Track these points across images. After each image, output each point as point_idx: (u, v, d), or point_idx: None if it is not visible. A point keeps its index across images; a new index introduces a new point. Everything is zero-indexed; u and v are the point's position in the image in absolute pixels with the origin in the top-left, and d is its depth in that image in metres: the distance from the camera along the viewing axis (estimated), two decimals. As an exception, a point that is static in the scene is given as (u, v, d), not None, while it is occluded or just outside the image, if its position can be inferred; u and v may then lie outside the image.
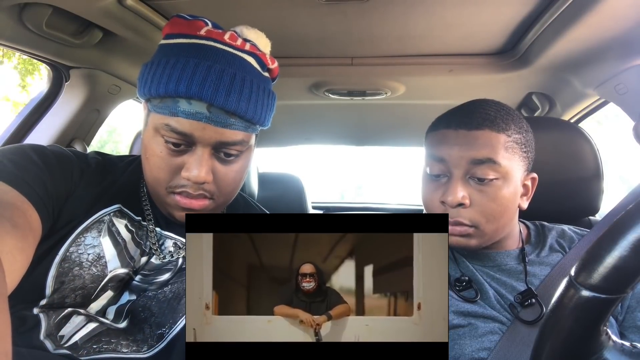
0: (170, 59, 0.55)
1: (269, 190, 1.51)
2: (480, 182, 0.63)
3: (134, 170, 0.68)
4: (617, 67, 0.93)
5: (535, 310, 0.61)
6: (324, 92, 1.29)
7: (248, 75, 0.57)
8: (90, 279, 0.56)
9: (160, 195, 0.60)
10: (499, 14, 0.88)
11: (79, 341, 0.55)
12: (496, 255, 0.69)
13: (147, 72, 0.57)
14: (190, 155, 0.57)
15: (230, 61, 0.57)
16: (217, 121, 0.55)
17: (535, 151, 0.69)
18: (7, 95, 5.44)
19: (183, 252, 0.63)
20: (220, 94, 0.54)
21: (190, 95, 0.53)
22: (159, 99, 0.56)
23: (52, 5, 0.77)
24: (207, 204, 0.60)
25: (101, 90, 1.13)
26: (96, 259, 0.57)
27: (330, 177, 14.29)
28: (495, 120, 0.63)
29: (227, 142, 0.57)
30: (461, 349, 0.61)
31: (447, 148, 0.65)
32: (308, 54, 1.12)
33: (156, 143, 0.57)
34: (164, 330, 0.56)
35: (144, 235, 0.63)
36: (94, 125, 1.19)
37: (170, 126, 0.55)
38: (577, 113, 1.22)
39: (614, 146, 4.04)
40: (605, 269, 0.33)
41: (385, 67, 1.13)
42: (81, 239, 0.58)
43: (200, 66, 0.54)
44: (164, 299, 0.58)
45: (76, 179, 0.59)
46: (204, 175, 0.56)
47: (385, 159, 16.12)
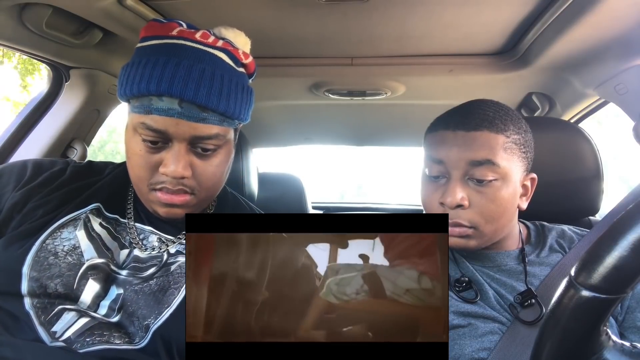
0: (142, 59, 0.58)
1: (269, 190, 1.50)
2: (479, 183, 0.63)
3: (119, 172, 0.72)
4: (617, 67, 0.93)
5: (535, 310, 0.61)
6: (324, 92, 1.29)
7: (218, 70, 0.59)
8: (66, 267, 0.58)
9: (144, 193, 0.62)
10: (499, 14, 0.88)
11: (71, 336, 0.56)
12: (496, 256, 0.69)
13: (123, 75, 0.60)
14: (168, 151, 0.59)
15: (200, 57, 0.58)
16: (190, 116, 0.57)
17: (535, 151, 0.69)
18: (7, 95, 5.44)
19: (166, 248, 0.65)
20: (189, 89, 0.55)
21: (160, 92, 0.55)
22: (135, 99, 0.58)
23: (52, 5, 0.77)
24: (188, 199, 0.62)
25: (101, 90, 1.12)
26: (72, 249, 0.60)
27: (330, 177, 14.29)
28: (494, 121, 0.63)
29: (201, 137, 0.59)
30: (461, 349, 0.61)
31: (445, 149, 0.65)
32: (308, 54, 1.12)
33: (135, 142, 0.59)
34: (149, 322, 0.57)
35: (122, 231, 0.66)
36: (94, 125, 1.19)
37: (145, 124, 0.57)
38: (577, 113, 1.22)
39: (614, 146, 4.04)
40: (605, 269, 0.33)
41: (385, 67, 1.13)
42: (57, 233, 0.61)
43: (169, 64, 0.56)
44: (150, 291, 0.59)
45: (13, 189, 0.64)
46: (181, 170, 0.58)
47: (385, 159, 16.11)
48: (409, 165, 12.11)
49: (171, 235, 0.67)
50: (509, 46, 1.04)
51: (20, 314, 0.56)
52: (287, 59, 1.14)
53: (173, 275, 0.62)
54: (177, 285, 0.60)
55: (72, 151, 1.14)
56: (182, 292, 0.60)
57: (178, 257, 0.64)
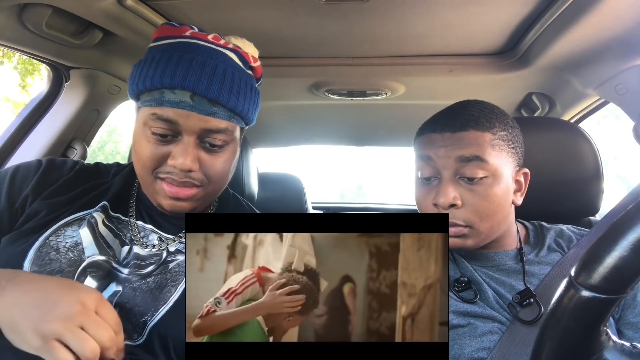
0: (155, 56, 0.60)
1: (269, 190, 1.50)
2: (470, 181, 0.63)
3: (125, 172, 0.72)
4: (617, 67, 0.93)
5: (534, 309, 0.61)
6: (324, 92, 1.29)
7: (230, 68, 0.61)
8: (67, 262, 0.59)
9: (148, 184, 0.63)
10: (499, 14, 0.88)
11: None
12: (495, 255, 0.69)
13: (136, 71, 0.61)
14: (176, 145, 0.60)
15: (212, 55, 0.61)
16: (201, 109, 0.58)
17: (535, 151, 0.70)
18: (7, 96, 5.43)
19: (166, 246, 0.65)
20: (202, 83, 0.57)
21: (174, 85, 0.57)
22: (147, 93, 0.60)
23: (52, 6, 0.77)
24: (195, 192, 0.62)
25: (101, 90, 1.12)
26: (73, 245, 0.61)
27: (330, 177, 14.29)
28: (479, 120, 0.64)
29: (211, 130, 0.60)
30: (461, 348, 0.61)
31: (434, 150, 0.66)
32: (308, 54, 1.12)
33: (144, 135, 0.60)
34: (146, 319, 0.57)
35: (124, 228, 0.66)
36: (94, 125, 1.19)
37: (156, 114, 0.58)
38: (577, 113, 1.22)
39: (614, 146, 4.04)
40: (605, 269, 0.33)
41: (385, 67, 1.13)
42: (61, 231, 0.62)
43: (183, 59, 0.58)
44: (147, 289, 0.60)
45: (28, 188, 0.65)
46: (190, 163, 0.59)
47: (386, 159, 16.11)
48: (409, 166, 12.09)
49: (171, 234, 0.67)
50: (509, 46, 1.04)
51: None
52: (287, 59, 1.14)
53: (171, 273, 0.62)
54: (174, 283, 0.61)
55: (72, 151, 1.14)
56: (179, 290, 0.60)
57: (177, 256, 0.64)
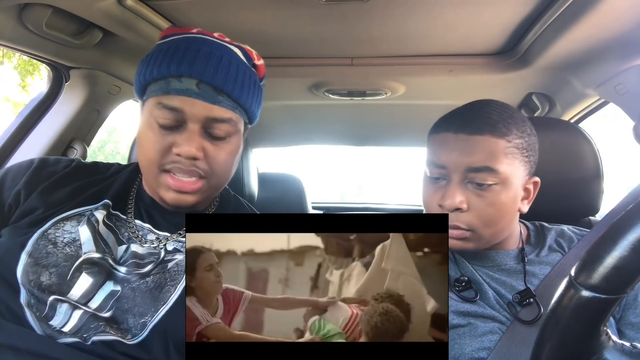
0: (163, 48, 0.62)
1: (269, 190, 1.50)
2: (479, 186, 0.62)
3: (126, 172, 0.73)
4: (617, 67, 0.93)
5: (534, 309, 0.61)
6: (324, 92, 1.29)
7: (235, 60, 0.63)
8: (63, 257, 0.60)
9: (153, 178, 0.63)
10: (499, 14, 0.88)
11: (68, 332, 0.56)
12: (496, 256, 0.69)
13: (142, 64, 0.63)
14: (181, 133, 0.60)
15: (218, 47, 0.62)
16: (206, 97, 0.60)
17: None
18: (7, 96, 5.44)
19: (164, 245, 0.65)
20: (208, 71, 0.59)
21: (180, 72, 0.58)
22: (154, 83, 0.61)
23: (52, 6, 0.77)
24: (199, 185, 0.63)
25: (101, 90, 1.12)
26: (71, 241, 0.61)
27: (330, 177, 14.29)
28: (497, 125, 0.62)
29: (216, 119, 0.61)
30: (461, 348, 0.61)
31: (446, 153, 0.64)
32: (308, 54, 1.12)
33: (149, 127, 0.61)
34: (146, 319, 0.57)
35: (122, 226, 0.66)
36: (94, 125, 1.19)
37: (162, 103, 0.59)
38: (577, 113, 1.21)
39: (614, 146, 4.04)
40: (605, 269, 0.33)
41: (385, 68, 1.13)
42: (60, 224, 0.63)
43: (190, 49, 0.60)
44: (146, 288, 0.60)
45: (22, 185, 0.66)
46: (194, 151, 0.60)
47: (386, 159, 16.11)
48: (409, 166, 12.12)
49: (168, 232, 0.67)
50: (509, 46, 1.04)
51: (15, 305, 0.57)
52: (287, 59, 1.14)
53: (170, 272, 0.62)
54: (173, 283, 0.61)
55: (72, 151, 1.14)
56: (178, 289, 0.60)
57: (175, 255, 0.64)
